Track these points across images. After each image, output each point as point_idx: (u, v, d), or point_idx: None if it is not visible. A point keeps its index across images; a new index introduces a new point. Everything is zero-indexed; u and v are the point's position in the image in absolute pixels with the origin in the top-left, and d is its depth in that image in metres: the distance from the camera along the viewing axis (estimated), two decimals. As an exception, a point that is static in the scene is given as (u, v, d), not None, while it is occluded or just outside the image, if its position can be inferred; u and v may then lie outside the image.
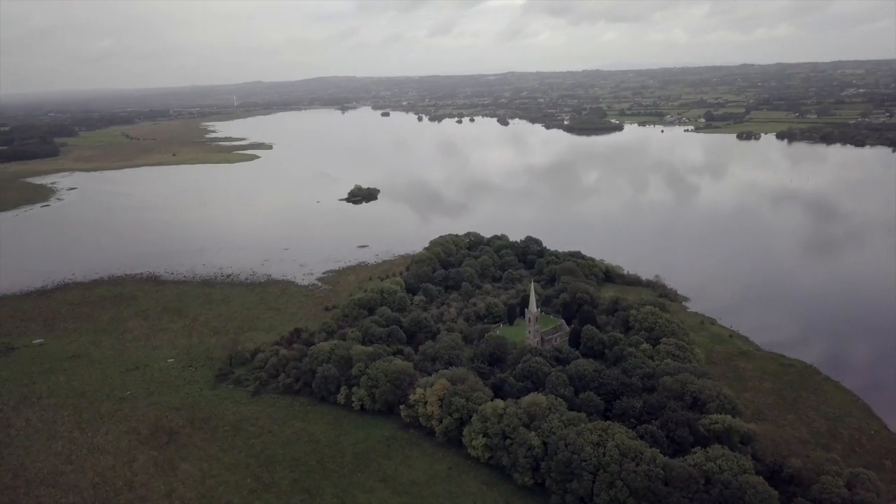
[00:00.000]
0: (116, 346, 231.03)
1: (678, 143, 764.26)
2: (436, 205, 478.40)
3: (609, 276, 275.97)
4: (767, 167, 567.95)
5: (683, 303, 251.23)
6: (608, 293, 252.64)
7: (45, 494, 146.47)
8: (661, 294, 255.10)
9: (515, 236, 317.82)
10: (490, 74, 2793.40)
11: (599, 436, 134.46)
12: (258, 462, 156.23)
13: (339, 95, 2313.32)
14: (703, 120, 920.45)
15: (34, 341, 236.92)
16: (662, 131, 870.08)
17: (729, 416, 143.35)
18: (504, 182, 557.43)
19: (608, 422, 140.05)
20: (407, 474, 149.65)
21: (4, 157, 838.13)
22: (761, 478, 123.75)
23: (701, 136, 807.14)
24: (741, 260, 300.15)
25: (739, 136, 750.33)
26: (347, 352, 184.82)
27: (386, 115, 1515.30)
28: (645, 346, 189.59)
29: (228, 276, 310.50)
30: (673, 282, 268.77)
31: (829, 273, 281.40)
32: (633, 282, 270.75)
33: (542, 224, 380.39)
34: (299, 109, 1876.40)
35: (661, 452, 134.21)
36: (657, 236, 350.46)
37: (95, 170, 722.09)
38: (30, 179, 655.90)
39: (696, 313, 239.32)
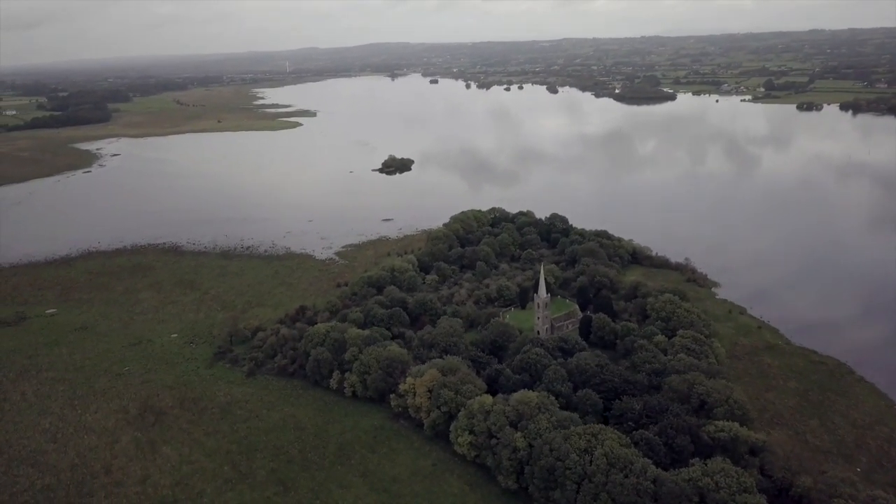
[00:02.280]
0: (124, 319, 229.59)
1: (731, 113, 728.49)
2: (468, 177, 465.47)
3: (636, 257, 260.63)
4: (826, 140, 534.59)
5: (713, 289, 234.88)
6: (631, 277, 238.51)
7: (24, 474, 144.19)
8: (690, 279, 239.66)
9: (547, 211, 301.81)
10: (544, 41, 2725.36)
11: (588, 441, 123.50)
12: (239, 449, 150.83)
13: (391, 62, 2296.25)
14: (762, 89, 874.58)
15: (47, 311, 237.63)
16: (717, 101, 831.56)
17: (736, 425, 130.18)
18: (540, 154, 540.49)
19: (600, 426, 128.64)
20: (389, 469, 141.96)
21: (59, 122, 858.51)
22: (764, 497, 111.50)
23: (758, 106, 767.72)
24: (785, 242, 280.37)
25: (799, 107, 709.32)
26: (342, 335, 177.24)
27: (434, 82, 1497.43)
28: (660, 337, 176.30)
29: (248, 247, 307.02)
30: (705, 265, 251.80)
31: (884, 259, 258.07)
32: (661, 264, 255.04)
33: (573, 199, 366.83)
34: (350, 76, 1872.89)
35: (656, 462, 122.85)
36: (694, 214, 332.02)
37: (142, 136, 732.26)
38: (78, 145, 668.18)
39: (724, 301, 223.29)
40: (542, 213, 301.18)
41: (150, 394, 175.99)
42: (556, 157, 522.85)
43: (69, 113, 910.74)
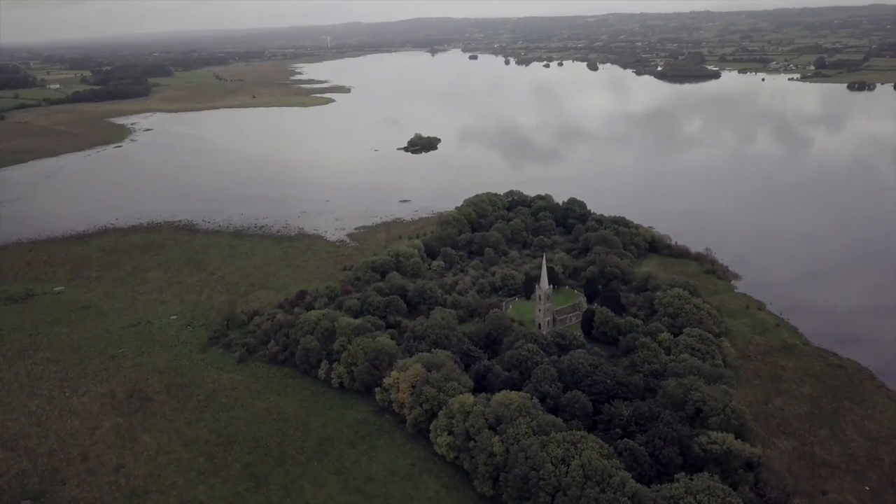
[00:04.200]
0: (127, 299, 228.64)
1: (776, 93, 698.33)
2: (493, 157, 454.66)
3: (654, 246, 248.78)
4: (876, 122, 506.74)
5: (732, 281, 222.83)
6: (645, 267, 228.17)
7: (2, 458, 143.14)
8: (709, 270, 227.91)
9: (572, 194, 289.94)
10: (589, 16, 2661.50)
11: (566, 450, 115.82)
12: (218, 440, 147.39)
13: (433, 37, 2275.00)
14: (811, 67, 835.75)
15: (54, 289, 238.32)
16: (763, 80, 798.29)
17: (731, 437, 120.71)
18: (567, 135, 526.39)
19: (581, 433, 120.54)
20: (366, 468, 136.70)
21: (99, 96, 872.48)
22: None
23: (805, 85, 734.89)
24: (820, 233, 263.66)
25: (850, 87, 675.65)
26: (332, 324, 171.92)
27: (474, 58, 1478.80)
28: (664, 335, 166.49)
29: (261, 227, 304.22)
30: (728, 255, 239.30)
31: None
32: (681, 254, 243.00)
33: (598, 182, 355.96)
34: (389, 52, 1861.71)
35: (639, 475, 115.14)
36: (725, 200, 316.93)
37: (177, 111, 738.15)
38: (114, 119, 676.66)
39: (743, 295, 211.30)
40: (566, 196, 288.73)
41: (140, 378, 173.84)
42: (584, 139, 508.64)
43: (109, 87, 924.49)
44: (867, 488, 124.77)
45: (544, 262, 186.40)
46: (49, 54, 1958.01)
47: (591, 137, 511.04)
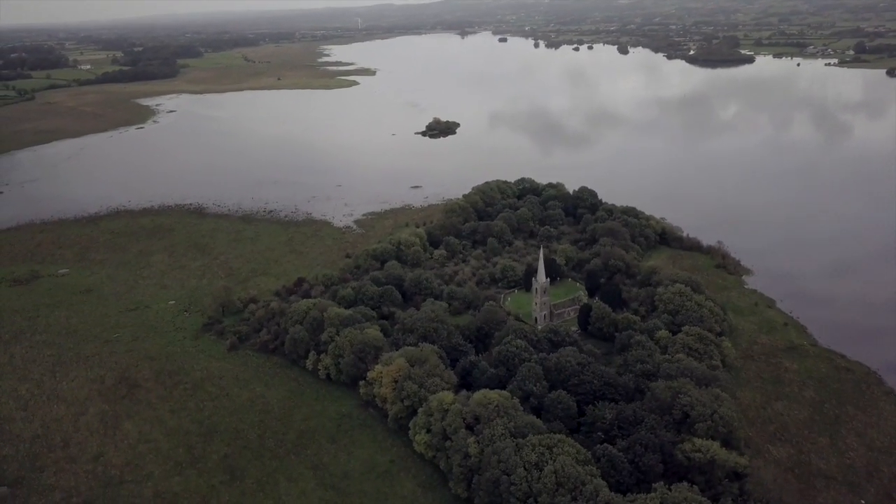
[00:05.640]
0: (129, 283, 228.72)
1: (811, 78, 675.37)
2: (511, 143, 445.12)
3: (665, 238, 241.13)
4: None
5: (743, 276, 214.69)
6: (654, 261, 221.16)
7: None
8: (720, 264, 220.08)
9: (587, 182, 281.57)
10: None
11: (541, 455, 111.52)
12: (199, 430, 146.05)
13: (465, 19, 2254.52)
14: (850, 52, 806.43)
15: (59, 271, 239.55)
16: (798, 65, 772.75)
17: (716, 445, 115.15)
18: (586, 121, 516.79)
19: (559, 436, 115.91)
20: (344, 463, 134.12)
21: (128, 77, 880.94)
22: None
23: (842, 70, 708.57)
24: (843, 229, 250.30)
25: (889, 73, 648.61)
26: (321, 314, 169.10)
27: (503, 40, 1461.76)
28: (662, 333, 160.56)
29: (270, 211, 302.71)
30: (742, 249, 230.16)
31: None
32: (691, 246, 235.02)
33: (614, 170, 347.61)
34: (419, 33, 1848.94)
35: (617, 483, 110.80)
36: (745, 191, 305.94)
37: (202, 92, 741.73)
38: (140, 100, 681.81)
39: (753, 291, 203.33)
40: (582, 184, 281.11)
41: (130, 364, 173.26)
42: (603, 125, 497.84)
43: (138, 68, 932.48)
44: (862, 502, 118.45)
45: (541, 254, 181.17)
46: (86, 35, 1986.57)
47: (610, 124, 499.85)
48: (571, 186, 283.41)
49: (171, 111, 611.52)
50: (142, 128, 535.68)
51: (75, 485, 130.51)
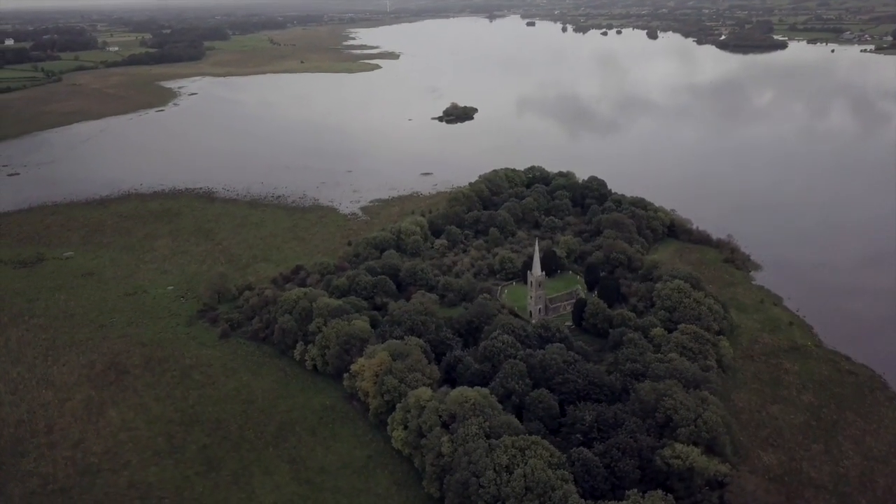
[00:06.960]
0: (131, 267, 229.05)
1: (845, 65, 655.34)
2: (527, 129, 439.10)
3: (673, 230, 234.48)
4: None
5: (751, 272, 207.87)
6: (661, 254, 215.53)
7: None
8: (728, 259, 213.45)
9: (598, 171, 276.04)
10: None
11: (512, 457, 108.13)
12: (182, 419, 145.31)
13: (494, 3, 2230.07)
14: (889, 38, 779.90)
15: (64, 254, 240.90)
16: (833, 51, 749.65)
17: (696, 451, 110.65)
18: (606, 109, 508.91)
19: (534, 438, 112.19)
20: (321, 458, 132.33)
21: (154, 59, 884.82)
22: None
23: (878, 57, 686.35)
24: (866, 225, 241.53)
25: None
26: (310, 304, 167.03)
27: (531, 24, 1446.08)
28: (658, 330, 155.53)
29: (278, 197, 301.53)
30: (753, 243, 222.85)
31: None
32: (700, 240, 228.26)
33: (625, 160, 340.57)
34: (447, 17, 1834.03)
35: (591, 489, 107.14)
36: (763, 182, 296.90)
37: (225, 75, 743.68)
38: (163, 83, 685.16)
39: (760, 288, 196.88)
40: (594, 172, 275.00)
41: (122, 349, 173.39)
42: (622, 112, 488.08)
43: (165, 50, 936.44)
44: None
45: (536, 246, 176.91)
46: (118, 16, 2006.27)
47: (629, 112, 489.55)
48: (585, 175, 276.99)
49: (193, 94, 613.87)
50: (162, 110, 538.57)
51: (53, 472, 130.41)
